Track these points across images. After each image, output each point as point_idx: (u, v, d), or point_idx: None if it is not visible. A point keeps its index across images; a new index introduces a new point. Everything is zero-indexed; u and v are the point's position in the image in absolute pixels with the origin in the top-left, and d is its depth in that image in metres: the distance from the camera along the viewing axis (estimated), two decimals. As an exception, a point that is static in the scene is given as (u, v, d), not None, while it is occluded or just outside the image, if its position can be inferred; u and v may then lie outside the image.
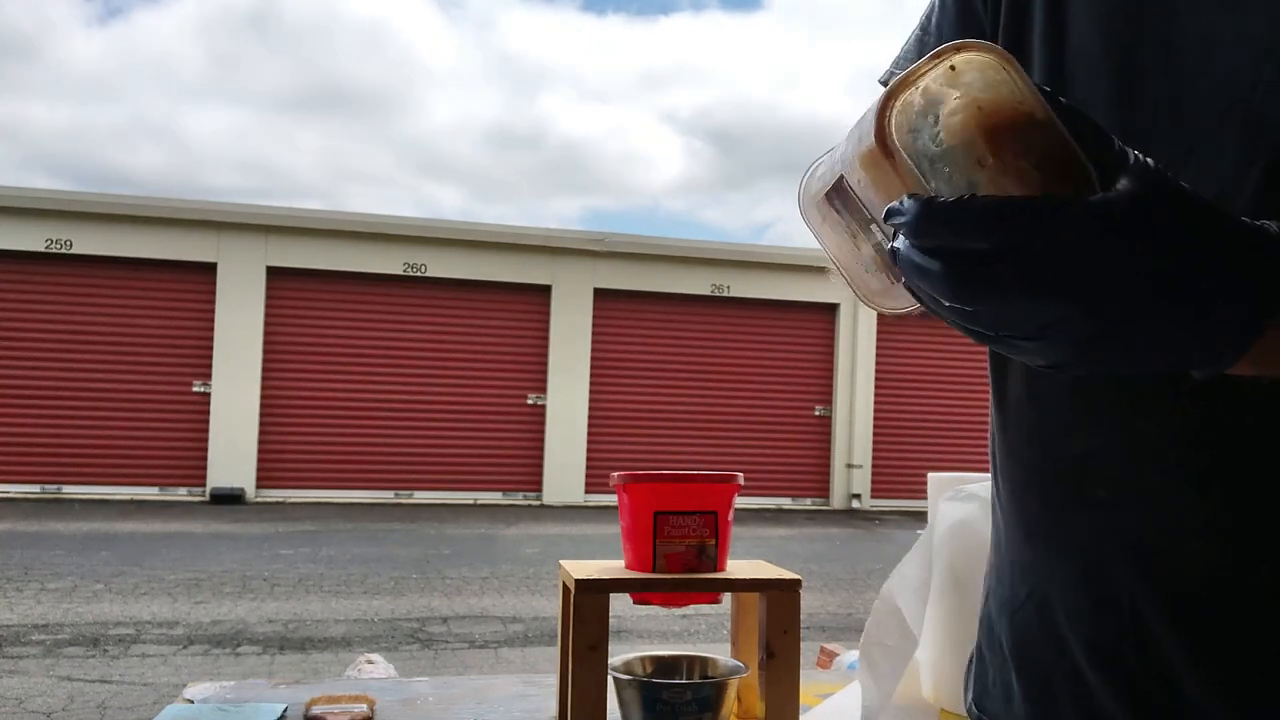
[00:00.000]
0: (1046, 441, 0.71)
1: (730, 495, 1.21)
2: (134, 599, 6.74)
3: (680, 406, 14.59)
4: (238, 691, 1.32)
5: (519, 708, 1.29)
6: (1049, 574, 0.71)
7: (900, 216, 0.48)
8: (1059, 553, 0.70)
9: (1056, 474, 0.70)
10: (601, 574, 1.16)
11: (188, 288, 13.20)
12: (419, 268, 13.76)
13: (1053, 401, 0.70)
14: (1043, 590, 0.71)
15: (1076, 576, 0.68)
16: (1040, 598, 0.71)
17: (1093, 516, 0.67)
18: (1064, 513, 0.69)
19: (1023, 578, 0.74)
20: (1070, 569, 0.69)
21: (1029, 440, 0.73)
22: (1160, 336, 0.49)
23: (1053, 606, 0.70)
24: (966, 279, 0.48)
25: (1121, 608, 0.65)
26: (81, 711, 4.49)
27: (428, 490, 13.72)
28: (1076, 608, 0.68)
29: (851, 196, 0.55)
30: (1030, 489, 0.73)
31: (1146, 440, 0.64)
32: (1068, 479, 0.69)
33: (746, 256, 14.95)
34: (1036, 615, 0.72)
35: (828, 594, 7.75)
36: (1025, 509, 0.74)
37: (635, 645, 4.58)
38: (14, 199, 12.60)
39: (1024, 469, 0.74)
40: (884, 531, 12.47)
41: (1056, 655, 0.70)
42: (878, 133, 0.49)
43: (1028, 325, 0.49)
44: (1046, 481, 0.71)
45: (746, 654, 1.21)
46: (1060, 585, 0.70)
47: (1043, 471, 0.71)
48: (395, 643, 5.83)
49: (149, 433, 13.01)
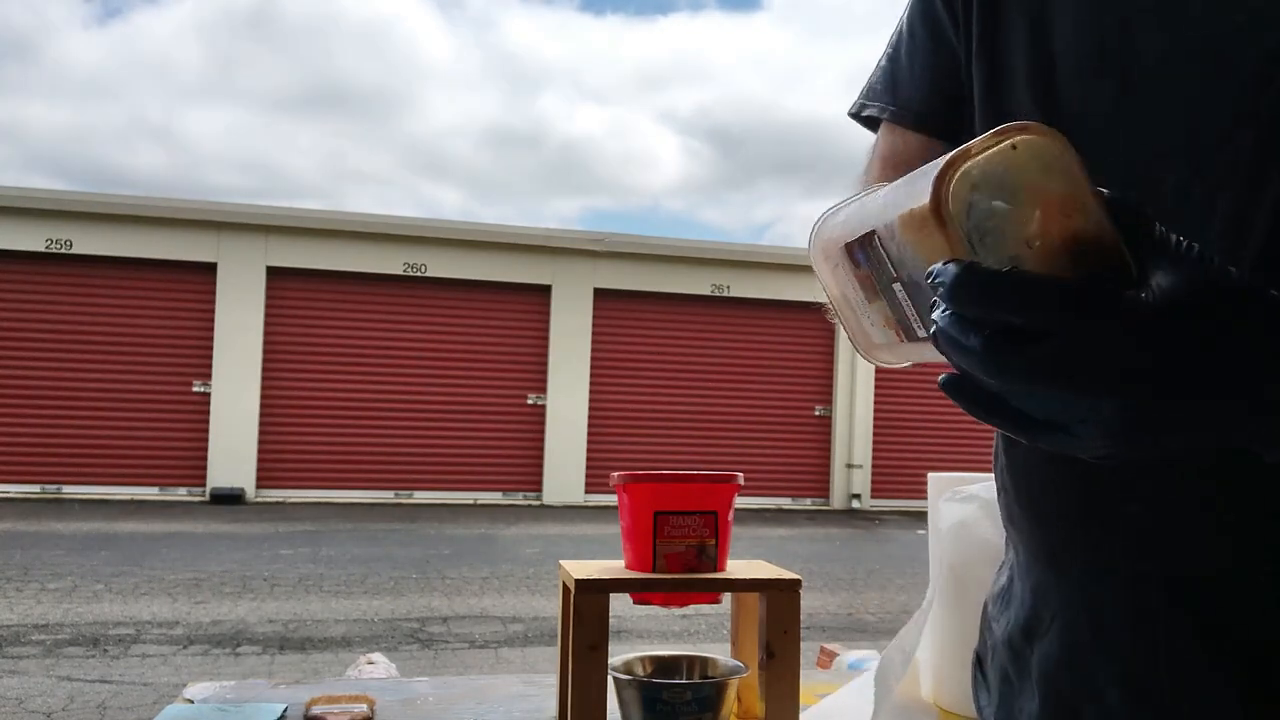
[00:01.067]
0: (1072, 458, 0.69)
1: (730, 495, 1.21)
2: (134, 599, 6.74)
3: (680, 406, 14.59)
4: (238, 691, 1.32)
5: (519, 708, 1.28)
6: (1075, 597, 0.68)
7: (942, 278, 0.47)
8: (1083, 575, 0.67)
9: (1084, 492, 0.67)
10: (601, 574, 1.16)
11: (188, 288, 13.21)
12: (419, 268, 13.76)
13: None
14: (1069, 614, 0.68)
15: (1106, 600, 0.65)
16: (1066, 621, 0.68)
17: (1124, 537, 0.64)
18: (1092, 532, 0.66)
19: (1044, 601, 0.71)
20: (1099, 592, 0.66)
21: (1051, 458, 0.68)
22: (1206, 426, 0.48)
23: (1080, 631, 0.67)
24: (997, 353, 0.47)
25: (1156, 632, 0.62)
26: (81, 711, 4.49)
27: (428, 490, 13.72)
28: (1107, 634, 0.65)
29: (878, 253, 0.55)
30: (1051, 508, 0.70)
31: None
32: (1096, 498, 0.66)
33: (746, 256, 14.95)
34: (1060, 640, 0.69)
35: (828, 594, 7.75)
36: (1046, 529, 0.71)
37: (635, 645, 4.58)
38: (14, 199, 12.60)
39: (1044, 488, 0.70)
40: (884, 531, 12.46)
41: (1083, 682, 0.67)
42: (934, 199, 0.49)
43: (1057, 412, 0.47)
44: (1072, 501, 0.68)
45: (746, 654, 1.21)
46: (1088, 609, 0.67)
47: (1068, 491, 0.68)
48: (395, 643, 5.83)
49: (149, 433, 13.01)
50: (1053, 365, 0.45)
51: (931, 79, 0.79)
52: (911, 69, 0.80)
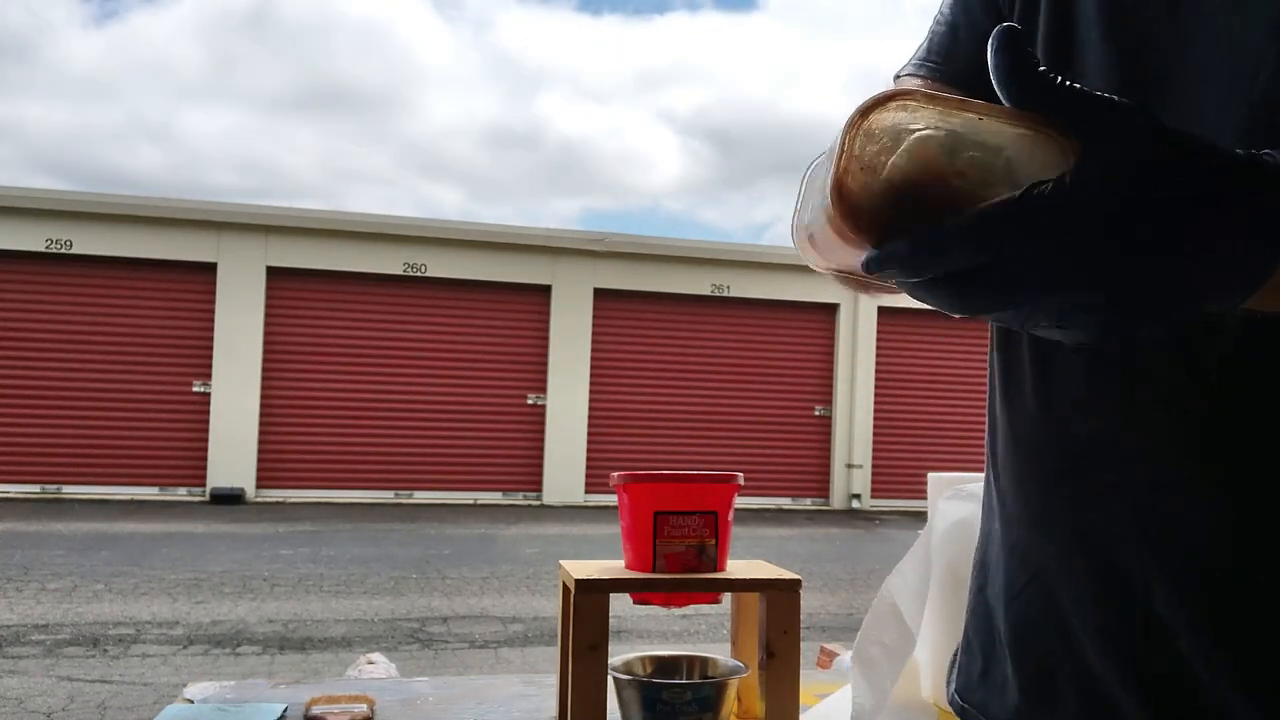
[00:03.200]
0: (1056, 424, 0.69)
1: (730, 495, 1.21)
2: (134, 599, 6.73)
3: (680, 406, 14.58)
4: (238, 691, 1.32)
5: (519, 708, 1.29)
6: (1053, 559, 0.69)
7: (887, 264, 0.49)
8: (1065, 536, 0.68)
9: (1064, 456, 0.68)
10: (601, 574, 1.16)
11: (188, 288, 13.20)
12: (419, 268, 13.75)
13: (1064, 382, 0.69)
14: (1046, 576, 0.70)
15: (1083, 560, 0.67)
16: (1042, 583, 0.70)
17: (1102, 498, 0.65)
18: (1071, 496, 0.68)
19: (1022, 564, 0.72)
20: (1077, 552, 0.67)
21: (1036, 423, 0.71)
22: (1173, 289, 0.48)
23: (1056, 592, 0.69)
24: (968, 297, 0.48)
25: (1131, 590, 0.63)
26: (81, 711, 4.49)
27: (428, 490, 13.72)
28: (1082, 592, 0.67)
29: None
30: (1035, 473, 0.72)
31: (1157, 421, 0.63)
32: (1076, 461, 0.67)
33: (746, 256, 14.94)
34: (1038, 601, 0.70)
35: (828, 594, 7.75)
36: (1028, 494, 0.72)
37: (635, 645, 4.58)
38: (14, 199, 12.60)
39: (1029, 453, 0.72)
40: (884, 531, 12.46)
41: (1058, 641, 0.68)
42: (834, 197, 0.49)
43: (1043, 317, 0.49)
44: (1053, 464, 0.70)
45: (746, 654, 1.21)
46: (1065, 570, 0.68)
47: (1050, 454, 0.70)
48: (395, 643, 5.83)
49: (149, 433, 13.01)
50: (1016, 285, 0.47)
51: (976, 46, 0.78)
52: (954, 35, 0.81)
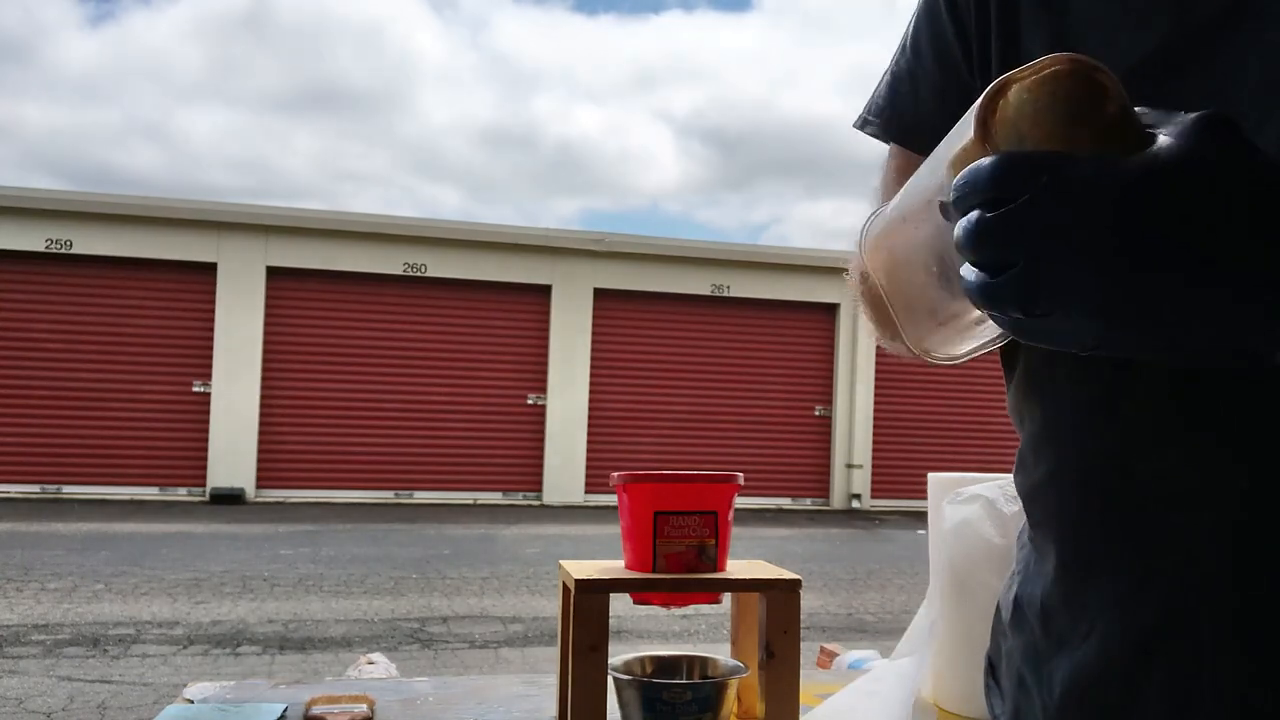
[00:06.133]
0: (1117, 467, 0.64)
1: (730, 495, 1.21)
2: (134, 599, 6.73)
3: (680, 406, 14.58)
4: (238, 691, 1.32)
5: (519, 708, 1.28)
6: (1113, 606, 0.65)
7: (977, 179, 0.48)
8: (1128, 583, 0.64)
9: (1125, 500, 0.64)
10: (601, 574, 1.16)
11: (188, 288, 13.20)
12: (419, 268, 13.75)
13: (1126, 424, 0.63)
14: (1105, 625, 0.65)
15: (1148, 608, 0.62)
16: (1103, 632, 0.66)
17: (1164, 544, 0.61)
18: (1138, 540, 0.63)
19: (1078, 612, 0.68)
20: (1139, 604, 0.63)
21: (1094, 457, 0.65)
22: (1197, 314, 0.44)
23: (1117, 641, 0.64)
24: (977, 226, 0.47)
25: (1200, 639, 0.60)
26: (81, 711, 4.49)
27: (428, 490, 13.72)
28: (1147, 645, 0.62)
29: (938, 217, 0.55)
30: (1089, 518, 0.67)
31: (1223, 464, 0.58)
32: (1140, 504, 0.63)
33: (746, 256, 14.95)
34: (1096, 651, 0.66)
35: (828, 594, 7.75)
36: (1079, 539, 0.68)
37: (635, 645, 4.58)
38: (14, 199, 12.60)
39: (1083, 498, 0.67)
40: (884, 531, 12.46)
41: (1122, 692, 0.64)
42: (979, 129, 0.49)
43: (1040, 299, 0.46)
44: (1113, 508, 0.65)
45: (746, 654, 1.21)
46: (1128, 618, 0.64)
47: (1113, 496, 0.65)
48: (395, 643, 5.83)
49: (149, 433, 13.01)
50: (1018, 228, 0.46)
51: (935, 104, 0.77)
52: (916, 93, 0.80)
